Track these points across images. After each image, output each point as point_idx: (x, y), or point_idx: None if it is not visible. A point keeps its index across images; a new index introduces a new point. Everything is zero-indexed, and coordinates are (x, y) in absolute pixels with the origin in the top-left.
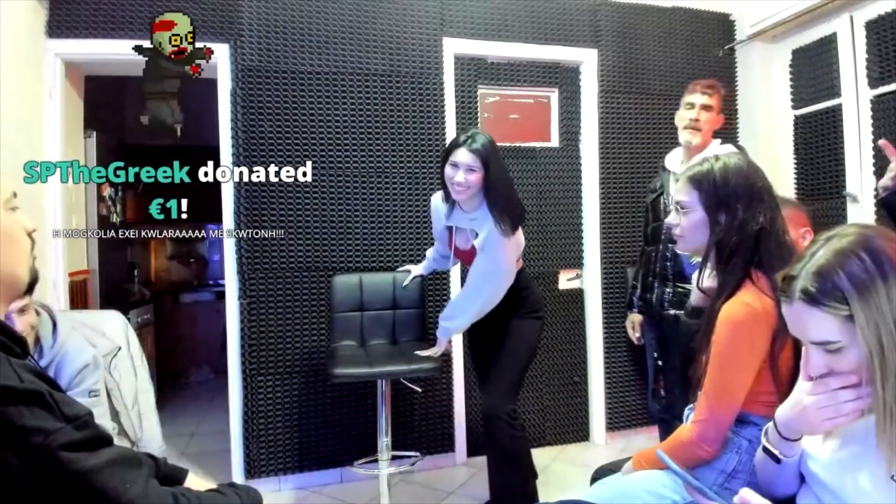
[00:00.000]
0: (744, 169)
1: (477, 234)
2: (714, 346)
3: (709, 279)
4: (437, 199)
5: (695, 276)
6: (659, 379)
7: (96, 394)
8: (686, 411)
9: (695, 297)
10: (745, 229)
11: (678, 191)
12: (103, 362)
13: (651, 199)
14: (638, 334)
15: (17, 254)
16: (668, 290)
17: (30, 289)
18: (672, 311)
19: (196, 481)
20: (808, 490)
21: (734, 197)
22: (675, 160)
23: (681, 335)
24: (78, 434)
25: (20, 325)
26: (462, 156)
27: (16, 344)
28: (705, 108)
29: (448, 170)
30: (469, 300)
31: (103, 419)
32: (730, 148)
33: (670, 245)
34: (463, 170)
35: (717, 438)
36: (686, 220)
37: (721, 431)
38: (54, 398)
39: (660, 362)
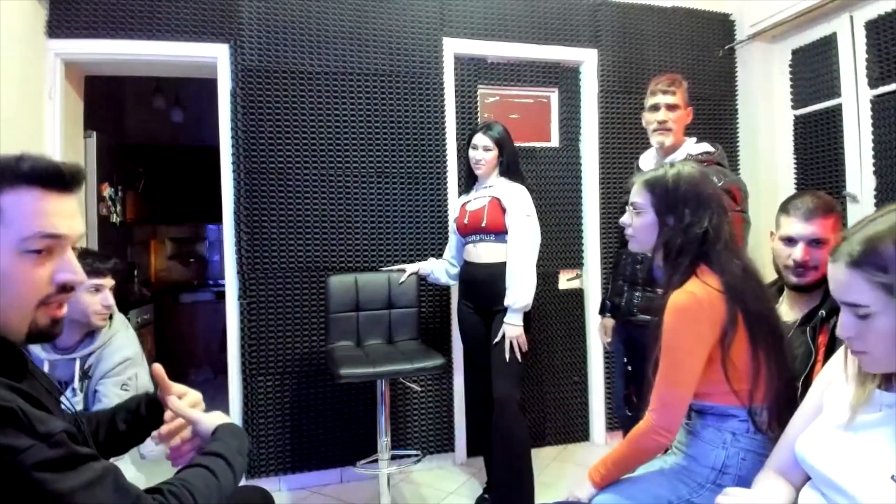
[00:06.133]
0: (695, 177)
1: (491, 196)
2: (663, 336)
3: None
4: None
5: None
6: (630, 384)
7: (127, 388)
8: None
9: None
10: (690, 232)
11: (634, 192)
12: (144, 361)
13: (625, 200)
14: (609, 339)
15: (15, 299)
16: (636, 294)
17: (35, 340)
18: (641, 316)
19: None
20: (811, 486)
21: (682, 202)
22: (648, 161)
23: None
24: (51, 452)
25: (88, 300)
26: (479, 139)
27: (12, 360)
28: (670, 107)
29: (470, 152)
30: (521, 265)
31: None
32: (705, 146)
33: None
34: (481, 149)
35: (674, 424)
36: (638, 221)
37: (676, 417)
38: (27, 415)
39: (629, 367)
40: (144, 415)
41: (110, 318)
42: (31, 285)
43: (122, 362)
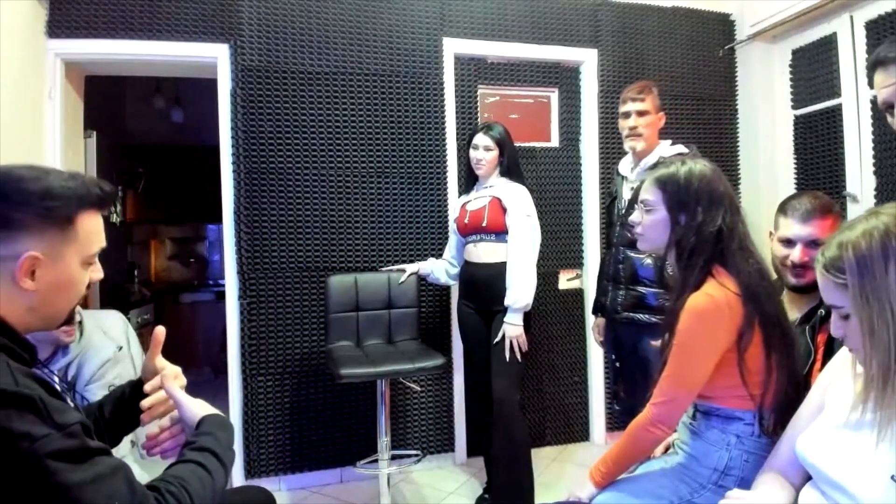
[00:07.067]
0: (707, 174)
1: (492, 196)
2: (677, 336)
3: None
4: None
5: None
6: (619, 381)
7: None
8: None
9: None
10: (703, 231)
11: (644, 190)
12: (124, 357)
13: (607, 204)
14: (601, 338)
15: (71, 301)
16: (620, 293)
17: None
18: (625, 314)
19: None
20: (812, 485)
21: (695, 200)
22: (626, 165)
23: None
24: (67, 442)
25: None
26: (480, 139)
27: (24, 351)
28: (640, 113)
29: (471, 152)
30: (521, 265)
31: None
32: (679, 148)
33: (622, 248)
34: (482, 149)
35: (672, 419)
36: (649, 219)
37: (676, 413)
38: (46, 404)
39: (617, 364)
40: (127, 395)
41: (79, 323)
42: (83, 287)
43: (103, 364)
